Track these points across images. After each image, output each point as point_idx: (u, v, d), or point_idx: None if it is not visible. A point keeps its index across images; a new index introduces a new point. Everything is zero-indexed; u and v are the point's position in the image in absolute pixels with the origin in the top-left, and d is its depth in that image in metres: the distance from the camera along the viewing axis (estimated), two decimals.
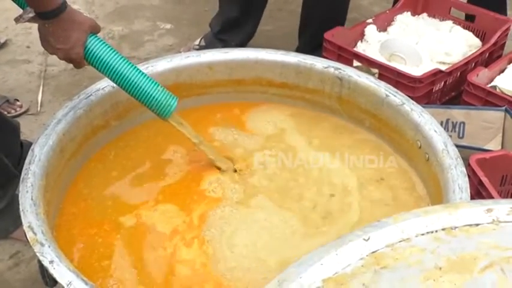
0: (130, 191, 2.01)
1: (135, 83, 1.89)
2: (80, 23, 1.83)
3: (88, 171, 2.05)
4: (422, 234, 0.98)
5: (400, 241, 0.97)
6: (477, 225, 1.00)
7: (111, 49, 1.89)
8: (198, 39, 3.90)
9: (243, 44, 3.76)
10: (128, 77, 1.88)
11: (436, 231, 0.99)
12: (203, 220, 1.91)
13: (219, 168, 2.05)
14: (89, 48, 1.86)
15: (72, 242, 1.82)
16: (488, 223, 1.00)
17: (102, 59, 1.87)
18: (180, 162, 2.09)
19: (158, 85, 1.93)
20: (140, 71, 1.92)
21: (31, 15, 1.78)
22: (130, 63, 1.91)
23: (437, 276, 0.92)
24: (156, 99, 1.91)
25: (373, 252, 0.96)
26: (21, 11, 1.81)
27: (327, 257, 0.94)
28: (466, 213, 1.01)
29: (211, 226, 1.88)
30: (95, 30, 1.89)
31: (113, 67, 1.87)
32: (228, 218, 1.91)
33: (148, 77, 1.92)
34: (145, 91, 1.90)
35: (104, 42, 1.89)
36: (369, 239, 0.97)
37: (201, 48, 3.81)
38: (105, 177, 2.04)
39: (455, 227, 0.99)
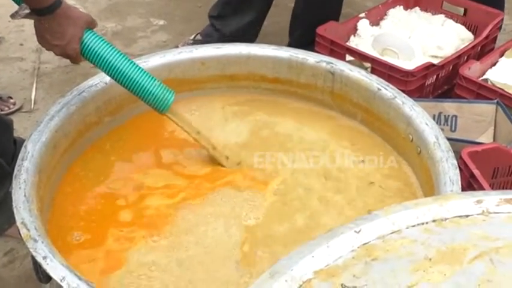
0: (129, 167, 2.05)
1: (132, 77, 1.90)
2: (76, 18, 1.83)
3: (85, 158, 2.07)
4: (413, 226, 0.99)
5: (391, 233, 0.98)
6: (467, 216, 1.01)
7: (108, 44, 1.90)
8: (194, 34, 3.90)
9: (237, 34, 3.73)
10: (124, 71, 1.89)
11: (427, 222, 1.00)
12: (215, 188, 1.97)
13: (219, 163, 2.05)
14: (86, 44, 1.86)
15: (64, 214, 1.88)
16: (478, 214, 1.01)
17: (99, 54, 1.87)
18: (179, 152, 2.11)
19: (155, 79, 1.94)
20: (137, 66, 1.92)
21: (27, 11, 1.78)
22: (127, 57, 1.92)
23: (427, 267, 0.93)
24: (153, 93, 1.92)
25: (364, 244, 0.97)
26: (14, 7, 1.82)
27: (318, 249, 0.95)
28: (456, 205, 1.02)
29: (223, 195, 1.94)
30: (91, 25, 1.89)
31: (110, 62, 1.88)
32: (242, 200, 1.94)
33: (145, 72, 1.93)
34: (143, 86, 1.91)
35: (101, 37, 1.90)
36: (360, 231, 0.98)
37: (195, 42, 3.81)
38: (103, 161, 2.06)
39: (446, 219, 1.00)
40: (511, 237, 0.97)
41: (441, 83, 3.18)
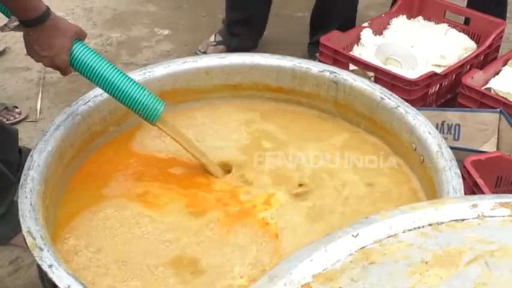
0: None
1: (121, 88, 1.90)
2: (65, 29, 1.84)
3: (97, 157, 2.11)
4: (410, 230, 1.00)
5: (388, 237, 0.99)
6: (463, 220, 1.02)
7: (97, 55, 1.90)
8: (213, 35, 3.97)
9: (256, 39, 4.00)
10: (113, 82, 1.89)
11: (423, 226, 1.01)
12: None
13: (210, 173, 2.04)
14: (75, 55, 1.87)
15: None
16: (473, 218, 1.02)
17: (88, 65, 1.87)
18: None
19: (144, 89, 1.94)
20: (126, 76, 1.93)
21: (16, 23, 1.79)
22: (116, 68, 1.92)
23: (423, 270, 0.94)
24: (142, 103, 1.92)
25: (362, 248, 0.98)
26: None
27: (316, 253, 0.96)
28: (452, 209, 1.03)
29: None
30: (80, 36, 1.90)
31: (99, 72, 1.88)
32: None
33: (134, 82, 1.93)
34: (132, 95, 1.91)
35: (89, 49, 1.90)
36: (357, 235, 0.99)
37: (217, 43, 3.95)
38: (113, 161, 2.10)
39: (442, 223, 1.01)
40: (506, 240, 0.98)
41: (444, 92, 3.19)
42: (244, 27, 3.90)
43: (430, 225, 1.01)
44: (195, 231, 1.85)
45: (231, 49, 3.87)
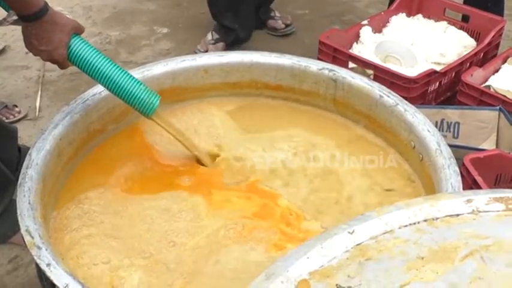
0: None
1: (118, 82, 1.91)
2: (63, 24, 1.85)
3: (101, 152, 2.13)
4: (405, 226, 1.01)
5: (384, 233, 0.99)
6: (457, 215, 1.02)
7: (94, 49, 1.92)
8: (210, 33, 3.98)
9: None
10: (110, 76, 1.90)
11: (418, 222, 1.01)
12: None
13: (204, 165, 2.07)
14: (72, 49, 1.88)
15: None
16: (468, 213, 1.03)
17: (85, 59, 1.89)
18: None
19: (141, 84, 1.95)
20: (122, 70, 1.94)
21: (14, 18, 1.80)
22: (113, 62, 1.93)
23: (419, 265, 0.94)
24: (138, 97, 1.93)
25: (358, 244, 0.98)
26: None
27: (312, 250, 0.96)
28: (446, 204, 1.04)
29: None
30: (78, 31, 1.91)
31: (96, 67, 1.89)
32: None
33: (130, 76, 1.95)
34: (128, 90, 1.92)
35: (87, 43, 1.91)
36: (353, 232, 0.99)
37: (216, 41, 3.96)
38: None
39: (437, 218, 1.02)
40: (501, 235, 0.99)
41: (444, 89, 3.19)
42: (232, 19, 3.91)
43: (425, 221, 1.01)
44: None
45: (229, 43, 3.88)
